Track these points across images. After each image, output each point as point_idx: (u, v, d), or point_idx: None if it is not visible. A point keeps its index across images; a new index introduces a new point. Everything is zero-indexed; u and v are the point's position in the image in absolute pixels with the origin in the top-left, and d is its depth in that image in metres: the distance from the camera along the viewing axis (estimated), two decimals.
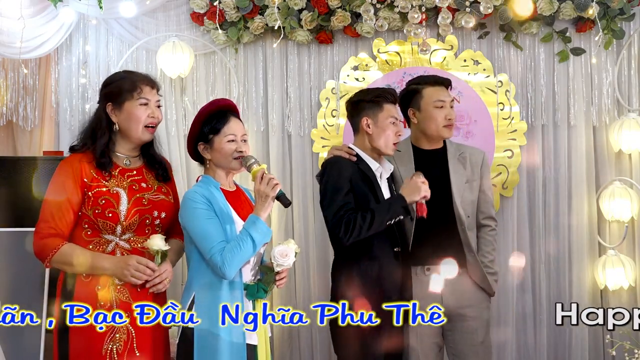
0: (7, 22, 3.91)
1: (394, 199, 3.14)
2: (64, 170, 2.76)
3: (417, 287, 3.27)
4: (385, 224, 3.07)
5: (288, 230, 4.30)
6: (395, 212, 3.07)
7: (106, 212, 2.72)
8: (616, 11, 4.12)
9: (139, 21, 4.32)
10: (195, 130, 2.84)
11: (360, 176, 3.13)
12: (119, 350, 2.69)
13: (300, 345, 4.29)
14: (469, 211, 3.37)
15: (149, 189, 2.84)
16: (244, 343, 2.70)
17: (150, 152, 2.92)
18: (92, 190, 2.73)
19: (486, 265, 3.38)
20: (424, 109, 3.36)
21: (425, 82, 3.42)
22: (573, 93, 4.26)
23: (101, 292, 2.70)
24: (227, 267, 2.65)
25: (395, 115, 3.20)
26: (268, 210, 2.74)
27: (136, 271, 2.69)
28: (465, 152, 3.46)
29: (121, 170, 2.82)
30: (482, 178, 3.44)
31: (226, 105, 2.90)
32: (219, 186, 2.82)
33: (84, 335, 2.67)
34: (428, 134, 3.38)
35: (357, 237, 3.04)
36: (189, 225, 2.74)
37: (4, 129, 4.35)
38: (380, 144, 3.18)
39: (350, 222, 3.03)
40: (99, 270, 2.71)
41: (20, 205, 3.62)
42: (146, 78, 2.88)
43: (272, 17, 4.15)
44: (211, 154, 2.82)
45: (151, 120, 2.83)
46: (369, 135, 3.19)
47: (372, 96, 3.24)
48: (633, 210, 4.14)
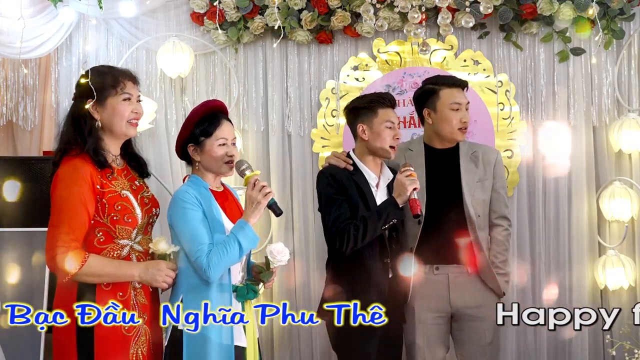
0: (7, 22, 3.91)
1: (384, 203, 3.14)
2: (76, 178, 2.62)
3: (426, 286, 3.28)
4: (381, 228, 3.08)
5: (288, 230, 4.30)
6: (387, 216, 3.08)
7: (125, 218, 2.67)
8: (616, 11, 4.12)
9: (139, 21, 4.32)
10: (186, 131, 2.83)
11: (353, 186, 3.14)
12: (144, 352, 2.68)
13: (300, 345, 4.29)
14: (480, 210, 3.36)
15: (142, 188, 2.83)
16: (233, 345, 2.69)
17: (129, 149, 2.87)
18: (105, 196, 2.65)
19: (497, 265, 3.37)
20: (439, 110, 3.36)
21: (443, 83, 3.41)
22: (573, 93, 4.25)
23: (123, 298, 2.65)
24: (212, 270, 2.64)
25: (391, 119, 3.20)
26: (257, 217, 2.74)
27: (167, 276, 2.70)
28: (478, 150, 3.45)
29: (118, 170, 2.77)
30: (495, 177, 3.43)
31: (217, 106, 2.90)
32: (208, 187, 2.81)
33: (111, 337, 2.61)
34: (442, 135, 3.39)
35: (354, 246, 3.07)
36: (178, 225, 2.72)
37: (4, 129, 4.35)
38: (377, 149, 3.19)
39: (345, 233, 3.06)
40: (127, 278, 2.66)
41: (20, 206, 3.62)
42: (127, 73, 2.82)
43: (272, 17, 4.15)
44: (201, 156, 2.82)
45: (134, 115, 2.77)
46: (365, 141, 3.21)
47: (366, 102, 3.26)
48: (633, 210, 4.14)
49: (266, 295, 4.26)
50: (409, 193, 3.05)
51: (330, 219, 3.11)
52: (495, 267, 3.36)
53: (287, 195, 4.32)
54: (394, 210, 3.08)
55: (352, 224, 3.06)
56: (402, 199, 3.07)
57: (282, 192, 4.30)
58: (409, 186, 3.04)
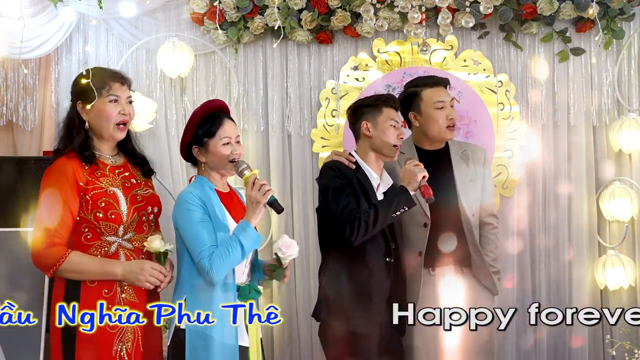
0: (7, 22, 3.90)
1: (395, 190, 3.13)
2: (58, 176, 2.69)
3: (423, 287, 3.28)
4: (391, 216, 3.06)
5: (288, 230, 4.30)
6: (399, 204, 3.06)
7: (108, 214, 2.69)
8: (616, 11, 4.12)
9: (139, 21, 4.31)
10: (190, 133, 2.83)
11: (357, 183, 3.14)
12: (129, 350, 2.68)
13: (300, 345, 4.29)
14: (474, 209, 3.37)
15: (139, 185, 2.83)
16: (237, 344, 2.69)
17: (129, 148, 2.88)
18: (89, 193, 2.69)
19: (489, 264, 3.37)
20: (424, 112, 3.35)
21: (424, 84, 3.40)
22: (573, 93, 4.26)
23: (109, 295, 2.67)
24: (215, 272, 2.64)
25: (395, 118, 3.20)
26: (259, 217, 2.73)
27: (151, 276, 2.69)
28: (467, 149, 3.45)
29: (111, 167, 2.78)
30: (484, 175, 3.44)
31: (218, 106, 2.90)
32: (213, 187, 2.81)
33: (93, 336, 2.63)
34: (430, 136, 3.38)
35: (364, 235, 3.04)
36: (181, 226, 2.73)
37: (4, 129, 4.35)
38: (381, 146, 3.18)
39: (355, 220, 3.02)
40: (110, 276, 2.68)
41: (20, 206, 3.62)
42: (116, 74, 2.83)
43: (272, 17, 4.15)
44: (206, 157, 2.82)
45: (122, 117, 2.78)
46: (369, 139, 3.20)
47: (370, 100, 3.27)
48: (633, 210, 4.14)
49: (266, 295, 4.26)
50: (419, 180, 3.04)
51: (339, 208, 3.06)
52: (488, 266, 3.37)
53: (287, 195, 4.32)
54: (405, 196, 3.05)
55: (362, 212, 3.04)
56: (412, 187, 3.06)
57: (282, 192, 4.30)
58: (419, 173, 3.05)
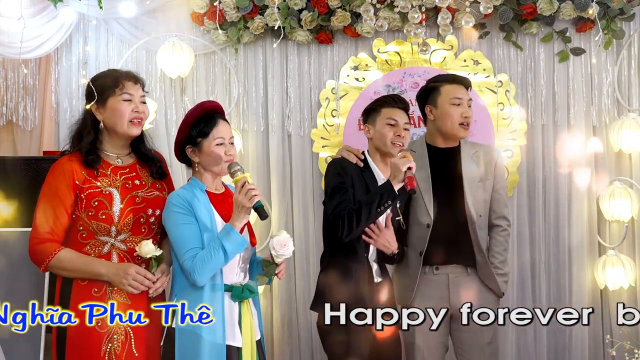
0: (7, 22, 3.90)
1: (380, 185, 3.13)
2: (56, 173, 2.75)
3: (426, 286, 3.28)
4: (376, 210, 3.05)
5: (288, 230, 4.28)
6: (382, 198, 3.04)
7: (99, 214, 2.71)
8: (616, 11, 4.12)
9: (139, 21, 4.31)
10: (183, 133, 2.84)
11: (363, 183, 3.15)
12: (117, 350, 2.69)
13: (301, 345, 4.29)
14: (481, 210, 3.37)
15: (143, 186, 2.83)
16: (224, 344, 2.69)
17: (142, 148, 2.90)
18: (85, 192, 2.72)
19: (496, 266, 3.37)
20: (440, 106, 3.38)
21: (444, 80, 3.46)
22: (573, 93, 4.26)
23: (98, 295, 2.69)
24: (197, 274, 2.65)
25: (394, 117, 3.21)
26: (244, 221, 2.73)
27: (134, 281, 2.69)
28: (479, 150, 3.46)
29: (114, 168, 2.80)
30: (495, 177, 3.44)
31: (213, 107, 2.91)
32: (204, 188, 2.82)
33: (83, 336, 2.66)
34: (443, 132, 3.40)
35: (349, 232, 3.05)
36: (168, 228, 2.76)
37: (4, 129, 4.35)
38: (379, 145, 3.22)
39: (339, 218, 3.05)
40: (95, 276, 2.70)
41: (20, 205, 3.62)
42: (129, 74, 2.87)
43: (272, 17, 4.15)
44: (200, 157, 2.83)
45: (136, 115, 2.81)
46: (371, 140, 3.26)
47: (372, 103, 3.32)
48: (633, 210, 4.14)
49: (266, 295, 4.26)
50: (403, 170, 3.00)
51: (331, 206, 3.10)
52: (494, 268, 3.36)
53: (287, 195, 4.32)
54: (387, 190, 3.03)
55: (347, 209, 3.06)
56: (397, 179, 3.02)
57: (282, 192, 4.30)
58: (402, 166, 3.00)
